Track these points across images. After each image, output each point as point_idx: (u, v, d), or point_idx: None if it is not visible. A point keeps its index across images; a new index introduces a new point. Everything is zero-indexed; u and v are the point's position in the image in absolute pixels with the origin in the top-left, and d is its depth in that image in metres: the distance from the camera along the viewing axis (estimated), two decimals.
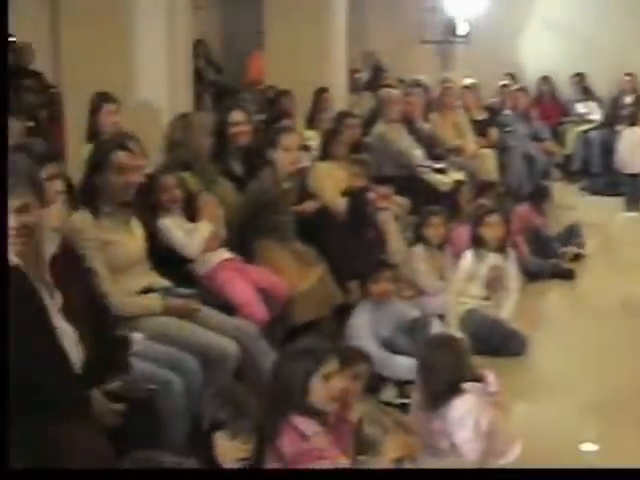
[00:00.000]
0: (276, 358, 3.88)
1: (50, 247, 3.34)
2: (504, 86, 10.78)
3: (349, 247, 5.80)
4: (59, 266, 3.33)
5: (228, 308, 4.61)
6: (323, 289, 5.35)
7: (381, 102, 8.19)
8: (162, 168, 5.14)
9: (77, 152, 5.77)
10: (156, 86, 6.36)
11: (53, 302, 3.22)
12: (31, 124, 7.10)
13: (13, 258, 3.12)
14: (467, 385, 3.81)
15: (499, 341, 5.50)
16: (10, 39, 10.24)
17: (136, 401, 3.42)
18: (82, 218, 4.13)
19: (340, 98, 9.39)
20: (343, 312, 5.42)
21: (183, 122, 5.45)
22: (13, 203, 3.07)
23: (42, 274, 3.24)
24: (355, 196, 6.20)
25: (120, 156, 4.19)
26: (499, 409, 3.94)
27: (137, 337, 3.81)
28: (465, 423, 3.73)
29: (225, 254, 4.99)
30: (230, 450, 3.06)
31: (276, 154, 5.45)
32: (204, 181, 5.43)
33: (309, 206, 6.08)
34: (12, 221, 3.08)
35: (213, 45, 12.57)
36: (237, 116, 5.89)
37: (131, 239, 4.30)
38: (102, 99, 5.95)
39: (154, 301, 4.21)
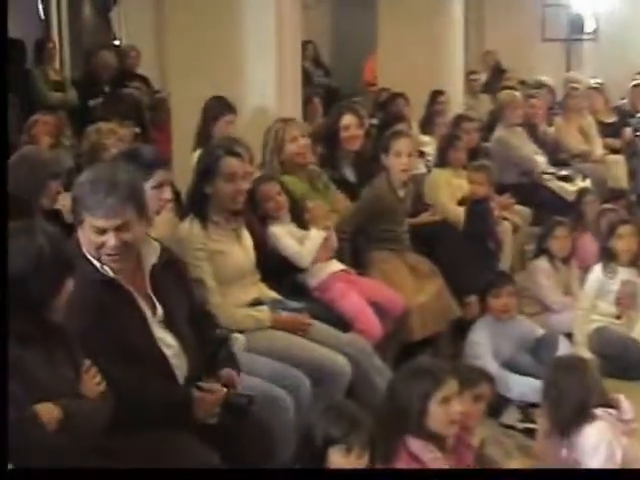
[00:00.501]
0: (391, 377, 3.87)
1: (152, 257, 3.39)
2: (636, 86, 10.51)
3: (468, 259, 5.75)
4: (160, 277, 3.38)
5: (340, 323, 4.62)
6: (440, 303, 5.30)
7: (501, 105, 8.11)
8: (263, 175, 5.19)
9: (182, 159, 5.86)
10: (264, 89, 6.41)
11: (153, 313, 3.29)
12: (137, 130, 7.23)
13: (109, 272, 3.18)
14: (598, 411, 3.72)
15: (633, 363, 5.34)
16: (115, 42, 10.60)
17: (244, 415, 3.42)
18: (190, 227, 4.19)
19: (457, 101, 9.35)
20: (461, 328, 5.38)
21: (273, 128, 5.51)
22: (114, 222, 3.12)
23: (143, 286, 3.31)
24: (474, 205, 6.13)
25: (230, 163, 4.22)
26: (634, 437, 3.82)
27: (239, 337, 3.83)
28: (597, 452, 3.62)
29: (337, 265, 5.00)
30: (344, 466, 3.06)
31: (389, 160, 5.44)
32: (313, 187, 5.48)
33: (426, 218, 6.09)
34: (112, 240, 3.13)
35: (322, 47, 12.65)
36: (349, 120, 5.92)
37: (241, 249, 4.34)
38: (222, 107, 6.00)
39: (264, 314, 4.25)
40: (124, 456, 2.90)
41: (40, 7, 10.28)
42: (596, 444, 3.63)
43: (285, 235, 4.84)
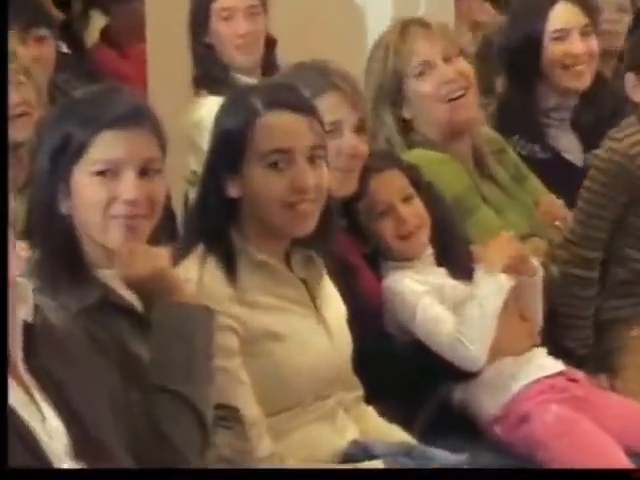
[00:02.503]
0: None
1: (20, 309, 3.40)
2: None
3: None
4: (45, 352, 3.44)
5: None
6: None
7: None
8: (371, 153, 5.27)
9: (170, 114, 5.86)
10: None
11: (49, 436, 3.33)
12: (66, 49, 7.46)
13: None
14: None
15: None
16: None
17: None
18: (200, 277, 4.24)
19: None
20: None
21: (382, 43, 5.76)
22: None
23: (14, 372, 3.35)
24: None
25: (274, 123, 4.31)
26: None
27: None
28: None
29: (547, 363, 5.11)
30: None
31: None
32: (485, 180, 5.69)
33: None
34: None
35: None
36: (565, 14, 6.21)
37: (319, 328, 4.44)
38: None
39: None
40: None
41: None
42: None
43: (425, 295, 4.92)
